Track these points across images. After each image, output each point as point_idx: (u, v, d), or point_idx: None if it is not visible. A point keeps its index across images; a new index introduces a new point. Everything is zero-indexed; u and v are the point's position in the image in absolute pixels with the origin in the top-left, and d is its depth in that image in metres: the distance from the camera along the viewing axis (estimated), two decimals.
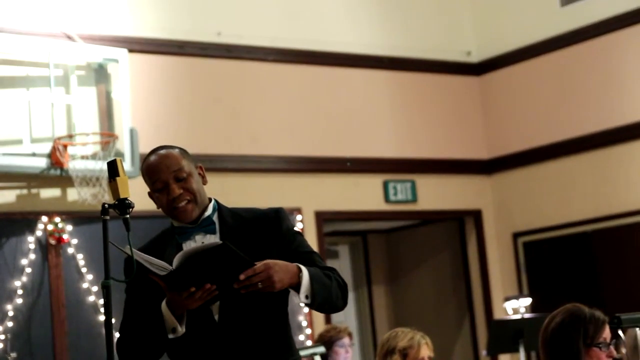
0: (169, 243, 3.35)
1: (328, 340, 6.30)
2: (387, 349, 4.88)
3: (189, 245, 3.30)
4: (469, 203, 9.82)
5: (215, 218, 3.35)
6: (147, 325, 3.23)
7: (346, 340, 6.29)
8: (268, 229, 3.33)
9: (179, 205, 3.30)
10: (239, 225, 3.34)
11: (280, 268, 3.15)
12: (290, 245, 3.34)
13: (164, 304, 3.19)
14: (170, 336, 3.20)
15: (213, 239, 3.30)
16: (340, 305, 3.36)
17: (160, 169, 3.32)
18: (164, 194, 3.31)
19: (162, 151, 3.36)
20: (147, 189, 3.43)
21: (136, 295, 3.32)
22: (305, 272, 3.19)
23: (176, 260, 3.07)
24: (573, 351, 3.64)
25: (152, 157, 3.35)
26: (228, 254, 3.05)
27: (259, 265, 3.12)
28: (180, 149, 3.40)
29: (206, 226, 3.33)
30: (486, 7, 10.03)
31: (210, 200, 3.39)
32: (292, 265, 3.19)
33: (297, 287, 3.19)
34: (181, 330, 3.19)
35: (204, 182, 3.39)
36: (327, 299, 3.26)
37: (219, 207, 3.39)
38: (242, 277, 3.09)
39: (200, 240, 3.31)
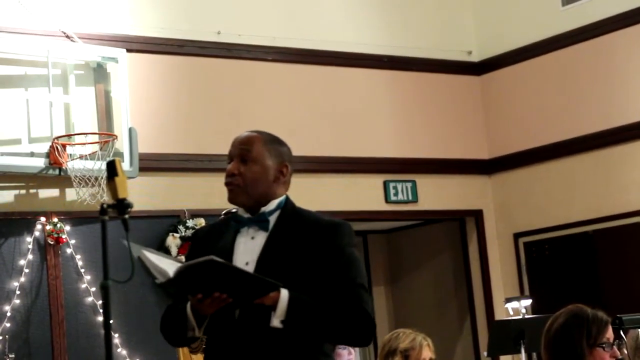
0: (229, 227, 3.34)
1: None
2: (389, 350, 4.86)
3: (243, 234, 3.29)
4: (469, 203, 9.80)
5: (274, 216, 3.29)
6: (175, 319, 3.25)
7: None
8: (320, 239, 3.23)
9: (228, 183, 3.29)
10: (295, 227, 3.26)
11: None
12: (332, 262, 3.20)
13: (189, 304, 3.19)
14: (190, 335, 3.21)
15: (263, 235, 3.26)
16: (345, 340, 3.28)
17: (235, 143, 3.34)
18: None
19: (251, 132, 3.36)
20: (146, 190, 3.45)
21: None
22: (284, 295, 3.09)
23: (175, 271, 3.06)
24: (576, 352, 3.63)
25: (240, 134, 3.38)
26: (220, 267, 3.01)
27: None
28: (273, 138, 3.36)
29: (260, 222, 3.28)
30: (487, 6, 10.01)
31: (279, 197, 3.32)
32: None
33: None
34: (198, 333, 3.19)
35: (278, 181, 3.31)
36: (311, 330, 3.15)
37: (285, 206, 3.32)
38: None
39: (252, 235, 3.28)
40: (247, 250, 3.24)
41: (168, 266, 3.10)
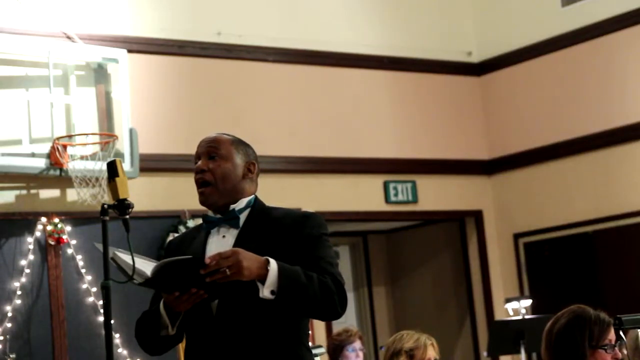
0: (201, 231, 3.37)
1: (339, 343, 6.28)
2: (393, 352, 4.86)
3: (214, 234, 3.32)
4: (469, 204, 9.80)
5: (244, 214, 3.31)
6: (149, 318, 3.29)
7: (357, 344, 6.26)
8: (289, 230, 3.24)
9: (198, 182, 3.32)
10: (265, 222, 3.28)
11: (249, 256, 3.05)
12: (300, 249, 3.21)
13: (162, 302, 3.21)
14: (163, 333, 3.24)
15: (234, 233, 3.28)
16: (326, 311, 3.15)
17: (202, 144, 3.37)
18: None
19: (217, 133, 3.40)
20: (147, 190, 3.44)
21: None
22: (273, 265, 3.06)
23: (153, 269, 3.06)
24: (578, 353, 3.62)
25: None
26: (200, 264, 3.02)
27: (227, 250, 3.07)
28: (239, 139, 3.40)
29: (230, 219, 3.30)
30: (487, 7, 10.01)
31: (249, 196, 3.34)
32: (261, 257, 3.08)
33: (265, 281, 3.06)
34: (171, 331, 3.21)
35: (246, 178, 3.34)
36: (300, 299, 3.09)
37: (254, 204, 3.34)
38: (207, 260, 3.01)
39: (223, 234, 3.30)
40: (219, 249, 3.20)
41: (144, 266, 3.10)
